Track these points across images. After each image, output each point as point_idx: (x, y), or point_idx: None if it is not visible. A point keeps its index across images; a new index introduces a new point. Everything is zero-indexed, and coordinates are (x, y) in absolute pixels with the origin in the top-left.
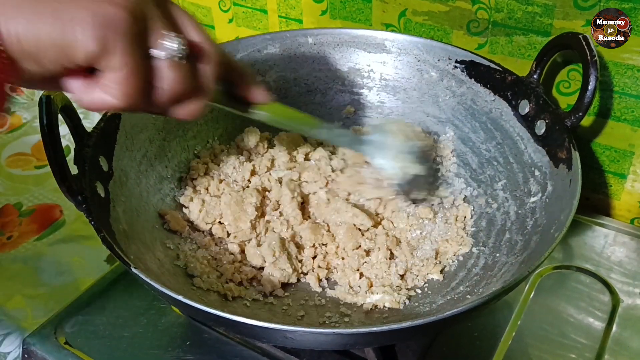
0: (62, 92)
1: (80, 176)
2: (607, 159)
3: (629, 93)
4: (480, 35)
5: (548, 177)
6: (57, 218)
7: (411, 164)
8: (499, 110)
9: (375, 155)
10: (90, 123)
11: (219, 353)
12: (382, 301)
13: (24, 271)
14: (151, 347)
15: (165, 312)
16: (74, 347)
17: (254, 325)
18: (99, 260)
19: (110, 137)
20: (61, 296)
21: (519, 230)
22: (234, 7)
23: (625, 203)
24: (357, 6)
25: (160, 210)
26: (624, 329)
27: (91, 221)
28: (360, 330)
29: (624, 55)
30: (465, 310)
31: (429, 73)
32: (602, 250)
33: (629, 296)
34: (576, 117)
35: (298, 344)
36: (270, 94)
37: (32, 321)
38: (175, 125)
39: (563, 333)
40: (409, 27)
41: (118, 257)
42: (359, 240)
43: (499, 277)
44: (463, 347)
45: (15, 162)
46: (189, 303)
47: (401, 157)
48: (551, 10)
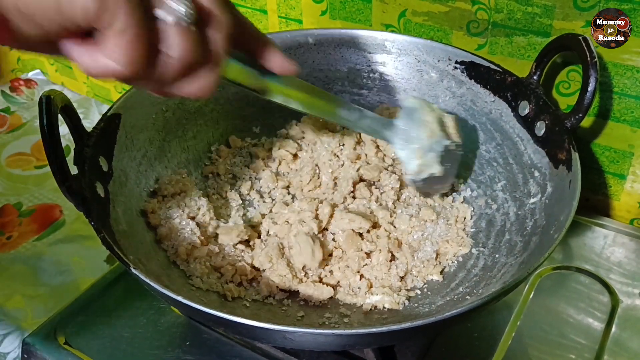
0: (62, 92)
1: (80, 176)
2: (606, 160)
3: (629, 94)
4: (480, 36)
5: (548, 178)
6: (57, 218)
7: (431, 164)
8: (498, 111)
9: (397, 144)
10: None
11: (219, 353)
12: (381, 302)
13: (23, 271)
14: (151, 347)
15: (164, 312)
16: (74, 347)
17: (253, 326)
18: (98, 260)
19: (110, 137)
20: (61, 296)
21: (519, 231)
22: None
23: (624, 204)
24: (357, 6)
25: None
26: (623, 330)
27: (91, 222)
28: (360, 331)
29: (623, 56)
30: (465, 311)
31: (428, 74)
32: (602, 251)
33: (629, 297)
34: (576, 118)
35: (298, 345)
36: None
37: (32, 321)
38: (175, 125)
39: (562, 334)
40: (409, 27)
41: (118, 258)
42: (360, 245)
43: (498, 278)
44: (462, 347)
45: (15, 162)
46: (189, 304)
47: (423, 153)
48: (551, 11)
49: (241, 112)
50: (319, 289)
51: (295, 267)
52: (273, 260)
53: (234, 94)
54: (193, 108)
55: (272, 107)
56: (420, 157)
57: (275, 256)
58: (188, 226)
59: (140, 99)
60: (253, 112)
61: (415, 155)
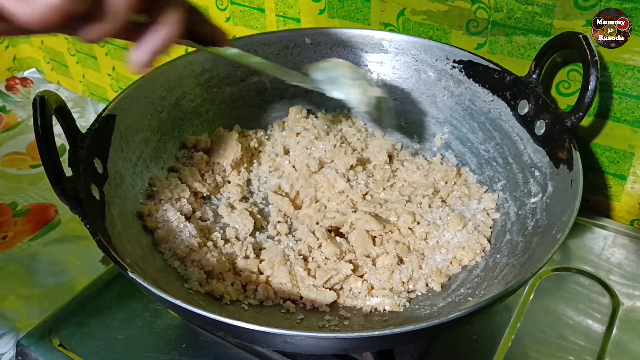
0: (56, 94)
1: (75, 178)
2: (606, 160)
3: (629, 94)
4: (479, 35)
5: (548, 178)
6: (52, 218)
7: (370, 87)
8: (497, 111)
9: (332, 90)
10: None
11: (215, 356)
12: (382, 304)
13: (18, 271)
14: (146, 350)
15: (160, 314)
16: (68, 349)
17: (254, 330)
18: (94, 261)
19: (104, 138)
20: (56, 297)
21: (520, 231)
22: (231, 5)
23: (625, 204)
24: (355, 5)
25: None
26: (624, 332)
27: (86, 224)
28: (363, 334)
29: (624, 55)
30: (468, 313)
31: (426, 73)
32: (602, 252)
33: (629, 298)
34: (576, 117)
35: (298, 349)
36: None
37: (27, 321)
38: (170, 126)
39: (562, 336)
40: (408, 26)
41: (114, 261)
42: (368, 248)
43: (500, 279)
44: (462, 350)
45: (10, 161)
46: (188, 308)
47: (358, 83)
48: (551, 10)
49: (237, 112)
50: (321, 293)
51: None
52: (275, 267)
53: (230, 95)
54: (189, 108)
55: (268, 107)
56: (358, 87)
57: (278, 262)
58: (186, 229)
59: (135, 100)
60: (249, 112)
61: (352, 88)
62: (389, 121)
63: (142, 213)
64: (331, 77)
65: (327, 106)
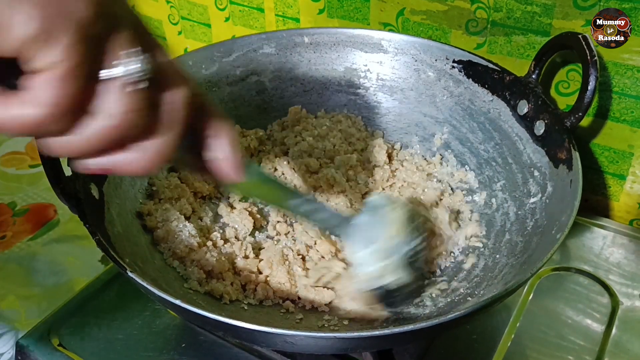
0: None
1: (74, 178)
2: (606, 160)
3: (629, 94)
4: (479, 35)
5: (548, 178)
6: (51, 218)
7: (394, 269)
8: (497, 111)
9: (354, 244)
10: None
11: (215, 356)
12: None
13: (17, 271)
14: (146, 350)
15: (160, 314)
16: (68, 349)
17: (253, 330)
18: (93, 261)
19: None
20: (55, 296)
21: (519, 231)
22: (231, 5)
23: (624, 204)
24: (354, 5)
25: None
26: (623, 332)
27: (86, 224)
28: (362, 334)
29: (623, 55)
30: (468, 313)
31: (426, 73)
32: (601, 252)
33: (629, 298)
34: (576, 117)
35: (298, 349)
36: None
37: (26, 321)
38: None
39: (562, 335)
40: (407, 26)
41: (113, 261)
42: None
43: (499, 279)
44: (461, 349)
45: (9, 160)
46: (188, 308)
47: (384, 254)
48: (551, 10)
49: (236, 112)
50: (319, 293)
51: (296, 274)
52: (273, 266)
53: (228, 95)
54: None
55: (268, 107)
56: (381, 259)
57: (276, 262)
58: (185, 228)
59: None
60: (248, 112)
61: (375, 258)
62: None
63: (141, 213)
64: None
65: (327, 106)
